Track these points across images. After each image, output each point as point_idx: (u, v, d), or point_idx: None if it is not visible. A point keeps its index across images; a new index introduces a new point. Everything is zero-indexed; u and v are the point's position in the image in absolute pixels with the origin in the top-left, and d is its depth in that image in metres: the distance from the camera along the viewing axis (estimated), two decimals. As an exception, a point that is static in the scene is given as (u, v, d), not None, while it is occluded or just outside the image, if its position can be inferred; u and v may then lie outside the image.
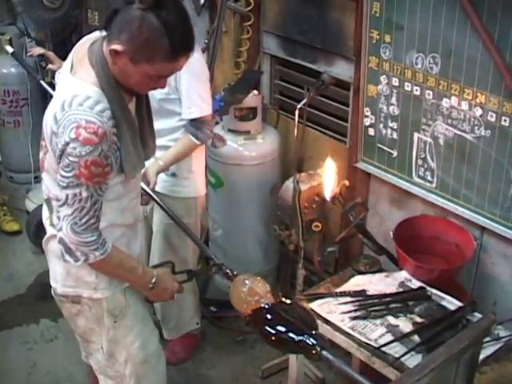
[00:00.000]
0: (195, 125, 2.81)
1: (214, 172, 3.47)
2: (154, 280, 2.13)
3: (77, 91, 1.88)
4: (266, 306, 2.01)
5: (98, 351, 2.33)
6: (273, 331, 1.91)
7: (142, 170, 2.11)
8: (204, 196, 3.12)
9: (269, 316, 1.97)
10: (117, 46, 1.83)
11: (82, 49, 1.99)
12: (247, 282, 2.12)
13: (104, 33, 1.90)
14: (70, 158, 1.83)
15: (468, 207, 2.76)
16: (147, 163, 2.28)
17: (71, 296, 2.20)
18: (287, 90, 3.65)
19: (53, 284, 2.26)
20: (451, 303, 2.50)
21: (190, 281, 2.44)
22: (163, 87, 1.97)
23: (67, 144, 1.82)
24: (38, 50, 3.63)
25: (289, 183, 2.93)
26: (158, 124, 2.22)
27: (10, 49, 4.04)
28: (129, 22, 1.80)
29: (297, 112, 2.85)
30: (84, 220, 1.89)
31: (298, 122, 2.87)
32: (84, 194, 1.87)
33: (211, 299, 3.61)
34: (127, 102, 1.97)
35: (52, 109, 1.91)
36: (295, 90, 3.58)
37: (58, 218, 1.91)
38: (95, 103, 1.85)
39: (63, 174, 1.87)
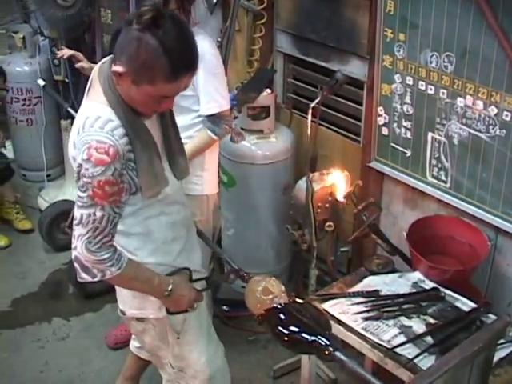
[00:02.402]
0: (213, 120, 2.81)
1: (226, 171, 3.47)
2: (170, 288, 2.09)
3: (88, 113, 1.89)
4: (279, 306, 2.00)
5: (167, 365, 2.39)
6: (286, 331, 1.91)
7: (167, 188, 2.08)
8: (216, 194, 3.12)
9: (282, 316, 1.96)
10: (118, 68, 1.83)
11: (96, 70, 2.00)
12: (262, 282, 2.13)
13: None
14: (84, 179, 1.83)
15: (482, 207, 2.75)
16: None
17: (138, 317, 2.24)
18: (300, 89, 3.64)
19: (121, 306, 2.29)
20: (465, 304, 2.49)
21: (208, 289, 2.40)
22: (170, 107, 1.97)
23: (81, 166, 1.83)
24: (67, 52, 3.67)
25: (302, 183, 2.93)
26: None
27: (41, 82, 4.09)
28: (128, 43, 1.80)
29: (310, 111, 2.84)
30: (98, 239, 1.89)
31: (312, 121, 2.86)
32: (98, 214, 1.87)
33: (223, 298, 3.61)
34: (141, 119, 1.96)
35: (72, 136, 1.93)
36: (308, 88, 3.57)
37: (74, 236, 1.90)
38: (105, 122, 1.85)
39: (79, 193, 1.87)
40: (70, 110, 3.82)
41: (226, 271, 3.20)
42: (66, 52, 3.71)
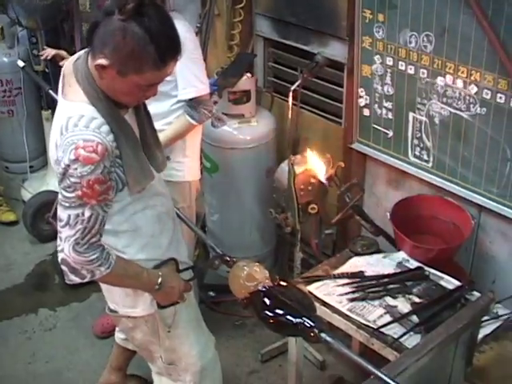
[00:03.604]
0: (192, 105, 2.79)
1: (208, 156, 3.46)
2: (159, 281, 2.07)
3: (70, 113, 1.84)
4: (264, 289, 2.00)
5: (158, 359, 2.37)
6: (271, 314, 1.91)
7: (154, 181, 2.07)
8: (199, 181, 3.10)
9: (266, 299, 1.96)
10: (102, 61, 1.78)
11: (68, 68, 1.95)
12: (246, 267, 2.10)
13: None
14: (72, 180, 1.79)
15: (465, 186, 2.74)
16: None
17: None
18: (281, 73, 3.62)
19: (111, 305, 2.26)
20: (449, 283, 2.49)
21: (195, 278, 2.39)
22: (155, 94, 1.93)
23: (68, 166, 1.79)
24: (51, 52, 3.61)
25: (284, 166, 2.92)
26: (153, 107, 2.19)
27: (21, 63, 4.02)
28: (111, 34, 1.76)
29: (291, 94, 2.84)
30: (86, 239, 1.85)
31: (293, 104, 2.85)
32: (87, 214, 1.83)
33: (209, 284, 3.59)
34: (122, 114, 1.93)
35: (53, 138, 1.89)
36: (289, 72, 3.54)
37: (60, 238, 1.87)
38: (90, 120, 1.82)
39: (65, 194, 1.82)
40: (51, 93, 3.74)
41: (210, 257, 3.20)
42: (49, 52, 3.66)
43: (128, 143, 1.90)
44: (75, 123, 1.81)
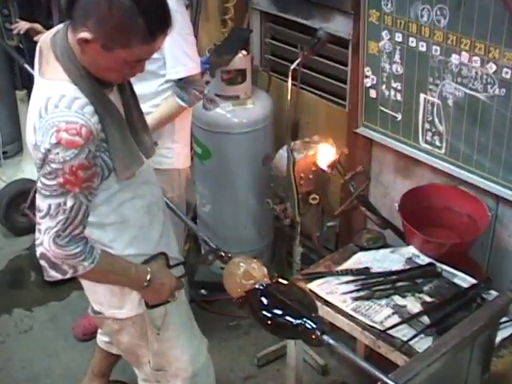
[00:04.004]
0: (181, 85, 2.77)
1: (200, 142, 3.44)
2: (148, 277, 2.06)
3: (49, 93, 1.82)
4: (261, 287, 2.00)
5: (145, 364, 2.36)
6: (268, 315, 1.91)
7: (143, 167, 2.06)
8: (189, 168, 3.09)
9: (264, 298, 1.96)
10: (85, 34, 1.75)
11: (46, 43, 1.92)
12: (242, 264, 2.11)
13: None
14: (53, 166, 1.77)
15: (481, 174, 2.73)
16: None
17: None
18: (279, 50, 3.61)
19: (96, 307, 2.25)
20: (464, 280, 2.49)
21: (187, 275, 2.38)
22: (142, 71, 1.92)
23: (48, 151, 1.76)
24: (24, 25, 3.57)
25: (282, 152, 2.91)
26: (139, 88, 2.18)
27: None
28: (95, 4, 1.73)
29: (290, 73, 2.81)
30: (68, 231, 1.84)
31: (292, 84, 2.83)
32: (69, 203, 1.81)
33: (201, 281, 3.60)
34: (107, 94, 1.91)
35: (31, 121, 1.86)
36: (288, 49, 3.53)
37: (39, 230, 1.85)
38: (72, 101, 1.79)
39: (45, 182, 1.80)
40: (27, 67, 3.71)
41: (203, 252, 3.20)
42: (22, 26, 3.62)
43: (114, 125, 1.89)
44: (56, 104, 1.79)
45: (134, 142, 2.00)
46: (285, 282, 2.04)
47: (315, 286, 2.52)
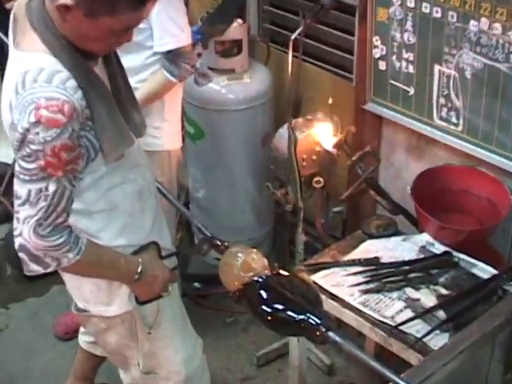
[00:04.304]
0: (171, 58, 2.77)
1: (192, 120, 3.44)
2: (139, 269, 2.05)
3: (26, 66, 1.79)
4: (260, 280, 2.01)
5: (134, 367, 2.36)
6: (268, 310, 1.92)
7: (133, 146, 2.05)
8: (180, 149, 3.10)
9: (263, 291, 1.97)
10: (66, 0, 1.73)
11: (21, 10, 1.88)
12: (240, 254, 2.11)
13: None
14: (33, 147, 1.75)
15: (502, 154, 2.72)
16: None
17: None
18: (279, 18, 3.60)
19: (80, 304, 2.24)
20: (483, 271, 2.49)
21: (178, 268, 2.38)
22: (130, 40, 1.90)
23: (27, 131, 1.74)
24: None
25: (283, 131, 2.90)
26: (123, 61, 2.17)
27: None
28: None
29: (291, 44, 2.78)
30: (50, 220, 1.82)
31: (293, 56, 2.81)
32: (51, 189, 1.80)
33: (194, 274, 3.61)
34: (91, 66, 1.89)
35: (6, 98, 1.83)
36: (289, 17, 3.53)
37: (18, 219, 1.83)
38: (52, 74, 1.77)
39: (24, 165, 1.78)
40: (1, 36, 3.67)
41: (196, 241, 3.20)
42: None
43: (100, 101, 1.87)
44: (34, 78, 1.76)
45: (123, 119, 1.99)
46: (286, 273, 2.05)
47: (319, 277, 2.53)
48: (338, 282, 2.50)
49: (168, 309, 2.27)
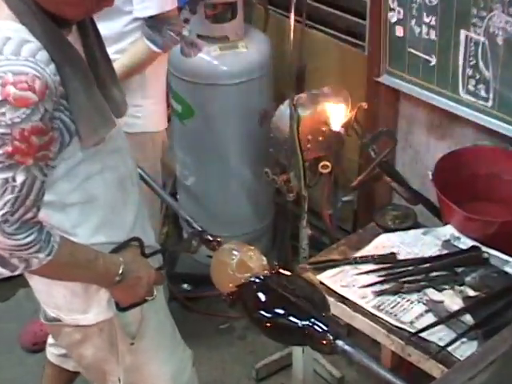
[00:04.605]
0: (154, 25, 2.77)
1: (179, 97, 3.44)
2: (121, 269, 2.03)
3: None
4: (258, 280, 2.01)
5: (113, 383, 2.34)
6: (267, 315, 1.92)
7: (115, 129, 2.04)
8: (165, 131, 3.10)
9: (261, 294, 1.97)
10: None
11: None
12: (235, 252, 2.11)
13: None
14: None
15: (539, 133, 2.74)
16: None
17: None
18: (279, -23, 3.61)
19: (51, 312, 2.22)
20: (517, 268, 2.50)
21: (165, 268, 2.38)
22: (111, 5, 1.90)
23: None
24: None
25: (284, 108, 2.91)
26: (99, 29, 2.15)
27: None
28: None
29: (293, 6, 2.79)
30: (18, 215, 1.81)
31: (296, 21, 2.82)
32: (19, 179, 1.78)
33: (183, 273, 3.62)
34: (65, 35, 1.88)
35: None
36: (291, -25, 3.51)
37: None
38: (20, 45, 1.75)
39: None
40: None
41: (185, 237, 3.18)
42: None
43: (76, 76, 1.86)
44: None
45: (103, 97, 1.98)
46: (288, 273, 2.04)
47: (327, 277, 2.52)
48: (349, 283, 2.50)
49: (153, 316, 2.26)
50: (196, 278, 3.54)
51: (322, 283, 2.48)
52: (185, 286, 3.62)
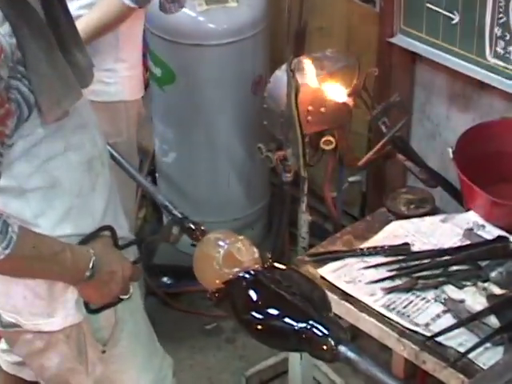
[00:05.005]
0: None
1: (159, 59, 3.45)
2: (91, 263, 2.02)
3: None
4: (247, 276, 1.99)
5: None
6: (258, 315, 1.90)
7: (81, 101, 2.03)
8: (141, 100, 3.10)
9: (252, 292, 1.96)
10: None
11: None
12: (222, 242, 2.09)
13: None
14: None
15: None
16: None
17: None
18: None
19: (8, 316, 2.20)
20: (550, 263, 2.50)
21: (143, 259, 2.39)
22: None
23: None
24: None
25: (281, 74, 2.90)
26: None
27: None
28: None
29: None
30: None
31: (295, -31, 2.82)
32: None
33: (162, 265, 3.65)
34: None
35: None
36: None
37: None
38: None
39: None
40: None
41: (164, 224, 3.18)
42: None
43: (36, 38, 1.85)
44: None
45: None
46: (283, 267, 2.03)
47: (329, 271, 2.53)
48: (354, 278, 2.50)
49: (129, 318, 2.25)
50: (177, 270, 3.56)
51: (323, 278, 2.48)
52: (164, 279, 3.65)
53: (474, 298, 2.38)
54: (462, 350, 2.23)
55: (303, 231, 2.98)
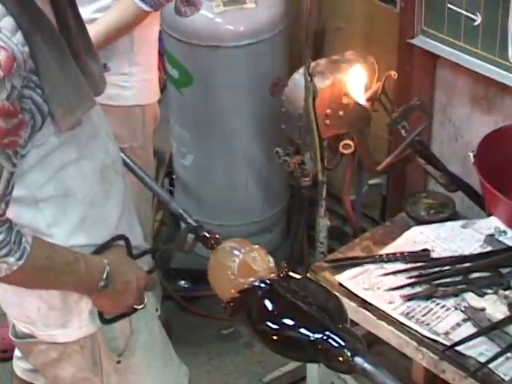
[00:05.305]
0: None
1: (176, 61, 3.44)
2: (105, 273, 2.03)
3: None
4: (263, 286, 2.00)
5: None
6: (274, 326, 1.91)
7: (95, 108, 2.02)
8: (157, 104, 3.09)
9: (267, 301, 1.96)
10: None
11: None
12: (237, 252, 2.09)
13: None
14: None
15: None
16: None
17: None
18: None
19: (22, 327, 2.21)
20: None
21: (158, 268, 2.39)
22: None
23: None
24: None
25: (299, 77, 2.90)
26: None
27: None
28: None
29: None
30: None
31: (314, -30, 2.83)
32: None
33: (180, 269, 3.63)
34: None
35: None
36: None
37: None
38: None
39: None
40: None
41: (180, 230, 3.17)
42: None
43: (48, 47, 1.84)
44: None
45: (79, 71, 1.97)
46: (299, 276, 2.03)
47: (347, 278, 2.53)
48: (373, 285, 2.50)
49: (144, 328, 2.26)
50: (194, 274, 3.57)
51: (341, 285, 2.49)
52: (182, 282, 3.65)
53: (494, 307, 2.38)
54: (482, 359, 2.23)
55: (321, 236, 2.98)
